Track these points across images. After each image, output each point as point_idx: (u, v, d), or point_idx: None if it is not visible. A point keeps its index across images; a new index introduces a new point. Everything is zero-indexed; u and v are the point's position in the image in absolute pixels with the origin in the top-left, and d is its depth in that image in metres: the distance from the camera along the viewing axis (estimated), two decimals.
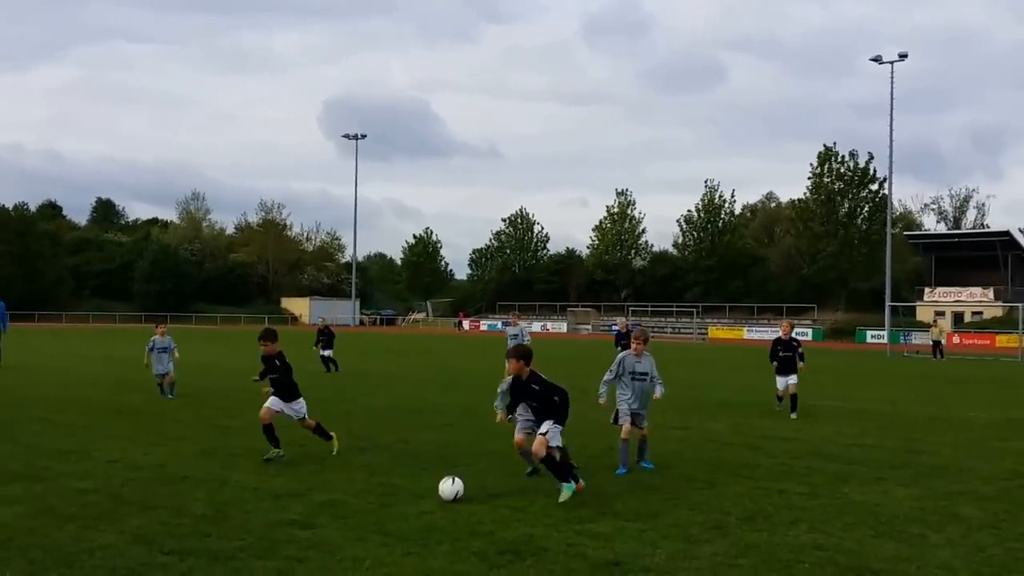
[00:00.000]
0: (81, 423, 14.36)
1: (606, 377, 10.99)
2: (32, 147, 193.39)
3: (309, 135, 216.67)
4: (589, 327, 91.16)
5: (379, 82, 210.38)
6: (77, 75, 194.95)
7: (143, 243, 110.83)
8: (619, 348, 24.07)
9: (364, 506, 8.68)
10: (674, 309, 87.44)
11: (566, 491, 8.96)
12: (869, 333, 73.72)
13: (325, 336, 26.96)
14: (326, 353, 26.61)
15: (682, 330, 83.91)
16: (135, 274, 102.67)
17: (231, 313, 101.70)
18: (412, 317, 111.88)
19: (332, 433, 11.61)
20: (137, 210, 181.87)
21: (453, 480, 8.96)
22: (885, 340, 60.12)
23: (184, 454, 11.54)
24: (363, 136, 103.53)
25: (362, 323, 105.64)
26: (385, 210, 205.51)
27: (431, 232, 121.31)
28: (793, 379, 16.92)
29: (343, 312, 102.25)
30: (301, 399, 11.38)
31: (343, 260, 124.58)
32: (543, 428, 9.13)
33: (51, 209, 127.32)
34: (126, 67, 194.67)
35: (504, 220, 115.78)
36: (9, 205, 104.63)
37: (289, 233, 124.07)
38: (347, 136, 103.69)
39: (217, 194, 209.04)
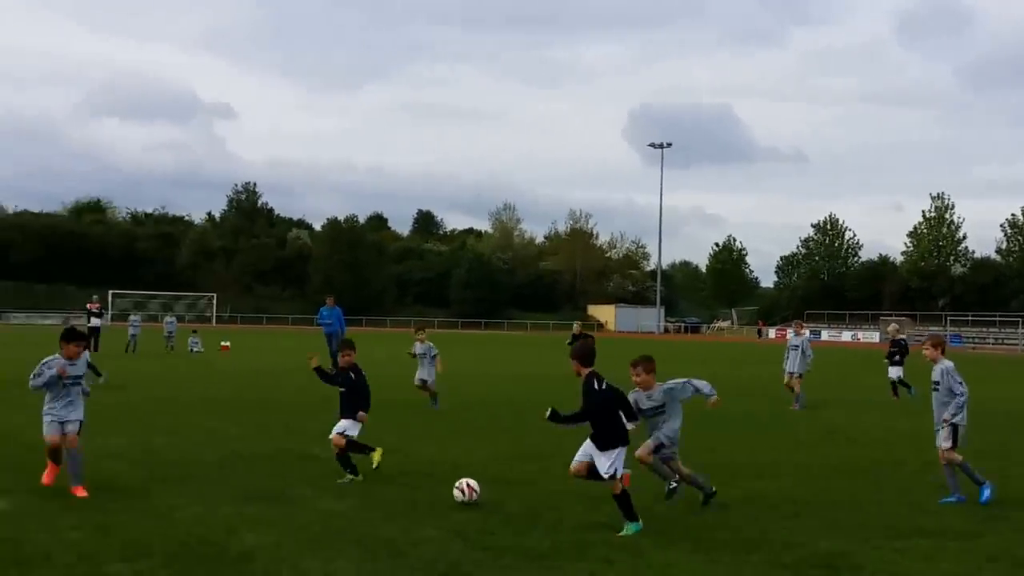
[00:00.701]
0: (400, 421, 15.25)
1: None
2: (361, 163, 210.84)
3: (615, 145, 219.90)
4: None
5: (682, 89, 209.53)
6: (400, 94, 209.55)
7: (459, 252, 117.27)
8: (887, 360, 22.44)
9: (674, 513, 8.60)
10: (997, 319, 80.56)
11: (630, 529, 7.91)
12: None
13: None
14: None
15: (1006, 341, 77.49)
16: (452, 282, 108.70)
17: (541, 320, 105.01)
18: (716, 325, 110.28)
19: (353, 468, 10.12)
20: (454, 220, 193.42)
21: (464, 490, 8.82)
22: None
23: (502, 455, 12.00)
24: (668, 144, 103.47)
25: (666, 330, 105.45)
26: (689, 217, 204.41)
27: (735, 239, 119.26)
28: None
29: (648, 319, 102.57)
30: (355, 422, 10.30)
31: (648, 268, 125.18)
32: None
33: (377, 221, 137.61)
34: (444, 84, 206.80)
35: (813, 226, 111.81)
36: (341, 217, 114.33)
37: (596, 242, 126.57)
38: (652, 145, 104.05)
39: (527, 204, 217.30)
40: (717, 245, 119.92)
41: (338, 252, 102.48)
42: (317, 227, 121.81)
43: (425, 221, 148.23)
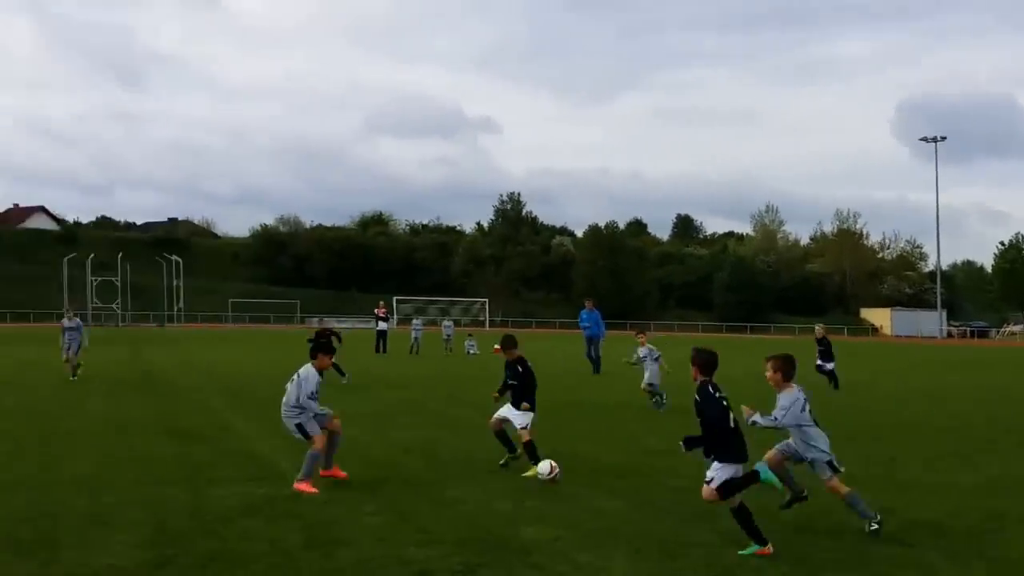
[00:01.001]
0: (665, 428, 15.28)
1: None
2: (618, 170, 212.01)
3: (881, 140, 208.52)
4: None
5: (957, 80, 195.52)
6: (655, 100, 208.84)
7: (720, 256, 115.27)
8: None
9: (963, 527, 8.16)
10: None
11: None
12: None
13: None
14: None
15: None
16: (714, 286, 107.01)
17: (808, 323, 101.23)
18: (1007, 329, 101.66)
19: (539, 458, 10.35)
20: (714, 224, 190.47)
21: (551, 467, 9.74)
22: None
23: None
24: (942, 138, 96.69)
25: (950, 335, 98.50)
26: (970, 214, 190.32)
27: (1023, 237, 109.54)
28: None
29: (929, 324, 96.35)
30: (524, 413, 10.65)
31: (926, 269, 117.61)
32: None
33: (637, 226, 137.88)
34: (698, 87, 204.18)
35: None
36: (601, 224, 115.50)
37: (866, 242, 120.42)
38: (925, 139, 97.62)
39: (789, 205, 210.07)
40: (1003, 243, 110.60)
41: (600, 257, 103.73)
42: (579, 234, 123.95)
43: (684, 225, 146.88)
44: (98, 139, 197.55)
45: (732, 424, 7.25)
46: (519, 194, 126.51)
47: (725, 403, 7.33)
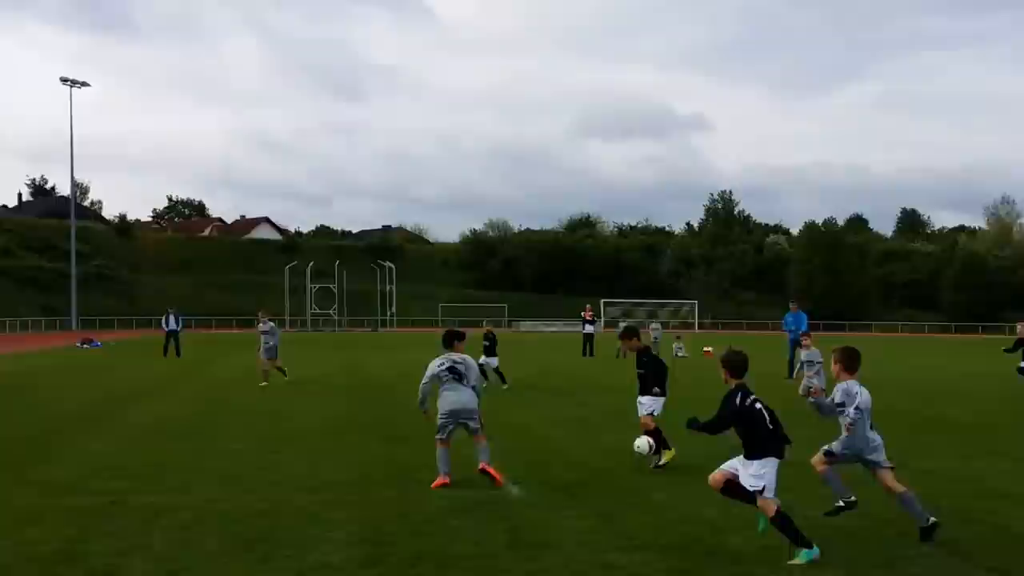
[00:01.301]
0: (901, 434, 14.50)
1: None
2: (837, 163, 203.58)
3: None
4: None
5: None
6: (878, 89, 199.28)
7: (950, 251, 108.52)
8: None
9: None
10: None
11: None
12: None
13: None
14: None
15: None
16: (942, 283, 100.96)
17: None
18: None
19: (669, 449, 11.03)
20: (942, 218, 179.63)
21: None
22: None
23: (1002, 469, 11.00)
24: None
25: None
26: None
27: None
28: None
29: None
30: (655, 398, 11.22)
31: None
32: None
33: (857, 222, 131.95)
34: (924, 75, 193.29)
35: None
36: (819, 221, 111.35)
37: None
38: None
39: None
40: None
41: (817, 256, 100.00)
42: (794, 231, 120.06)
43: (909, 220, 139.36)
44: (317, 151, 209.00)
45: (770, 424, 7.08)
46: (731, 192, 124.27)
47: (759, 405, 7.13)
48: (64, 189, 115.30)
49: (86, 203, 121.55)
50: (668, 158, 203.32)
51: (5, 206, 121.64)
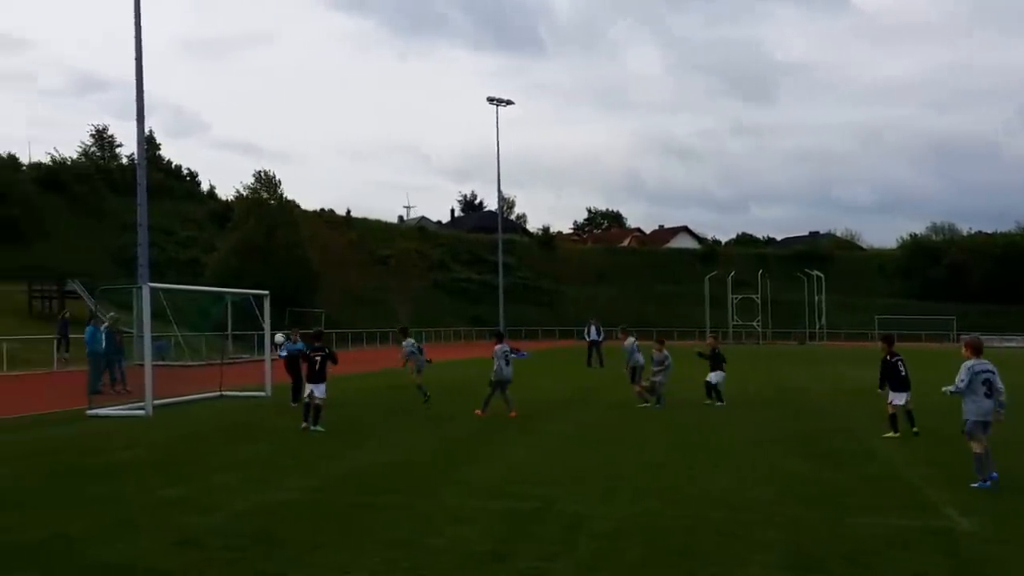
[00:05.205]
0: None
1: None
2: None
3: None
4: None
5: None
6: None
7: None
8: None
9: None
10: None
11: None
12: None
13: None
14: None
15: None
16: None
17: None
18: None
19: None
20: None
21: None
22: None
23: None
24: None
25: None
26: None
27: None
28: None
29: None
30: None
31: None
32: None
33: None
34: None
35: None
36: None
37: None
38: None
39: None
40: None
41: None
42: None
43: None
44: (725, 155, 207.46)
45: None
46: None
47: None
48: (491, 204, 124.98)
49: (512, 216, 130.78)
50: None
51: (440, 222, 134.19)
